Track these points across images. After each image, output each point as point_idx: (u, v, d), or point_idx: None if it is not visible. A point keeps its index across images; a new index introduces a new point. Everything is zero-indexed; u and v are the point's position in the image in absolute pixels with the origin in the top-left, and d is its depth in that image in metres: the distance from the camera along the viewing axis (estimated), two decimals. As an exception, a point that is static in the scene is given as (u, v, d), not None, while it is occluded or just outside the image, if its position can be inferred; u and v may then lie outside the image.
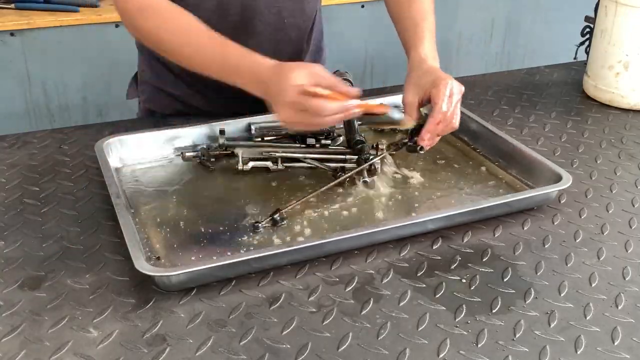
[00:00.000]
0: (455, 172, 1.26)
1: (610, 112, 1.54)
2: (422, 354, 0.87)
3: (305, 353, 0.86)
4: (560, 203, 1.18)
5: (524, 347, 0.88)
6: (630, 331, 0.91)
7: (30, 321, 0.90)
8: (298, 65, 1.05)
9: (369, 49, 2.76)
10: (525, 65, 2.51)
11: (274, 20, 1.34)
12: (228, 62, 1.12)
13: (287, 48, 1.39)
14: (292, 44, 1.40)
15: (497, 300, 0.96)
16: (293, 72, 1.02)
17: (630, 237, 1.11)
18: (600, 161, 1.34)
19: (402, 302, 0.95)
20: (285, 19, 1.35)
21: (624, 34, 1.51)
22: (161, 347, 0.87)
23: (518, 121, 1.49)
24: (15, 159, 1.29)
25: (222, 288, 0.97)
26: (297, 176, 1.24)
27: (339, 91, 1.04)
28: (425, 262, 1.03)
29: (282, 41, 1.37)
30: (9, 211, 1.13)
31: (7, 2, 2.32)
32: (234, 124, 1.34)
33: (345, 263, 1.02)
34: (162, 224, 1.10)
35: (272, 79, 1.04)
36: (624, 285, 1.00)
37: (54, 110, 2.41)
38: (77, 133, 1.39)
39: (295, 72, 1.02)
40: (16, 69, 2.31)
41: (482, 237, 1.09)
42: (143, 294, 0.95)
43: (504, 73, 1.81)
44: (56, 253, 1.03)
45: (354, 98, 1.05)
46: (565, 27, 2.46)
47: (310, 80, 1.01)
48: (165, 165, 1.26)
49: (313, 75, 1.02)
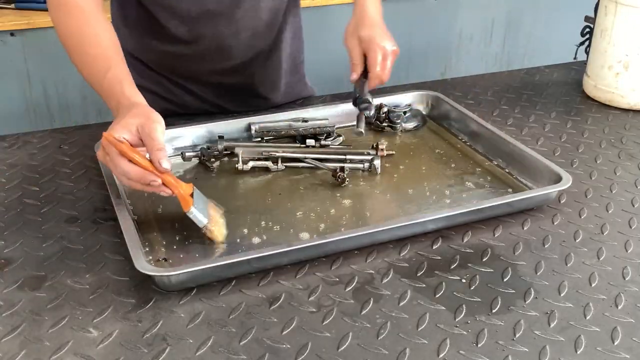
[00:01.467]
0: (454, 172, 1.26)
1: (610, 112, 1.54)
2: (422, 354, 0.87)
3: (305, 353, 0.86)
4: (560, 203, 1.18)
5: (524, 347, 0.88)
6: (630, 331, 0.91)
7: (30, 321, 0.90)
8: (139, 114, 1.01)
9: (369, 49, 2.76)
10: (525, 65, 2.52)
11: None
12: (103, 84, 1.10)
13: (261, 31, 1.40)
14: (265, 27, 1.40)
15: (497, 300, 0.96)
16: (125, 119, 1.00)
17: (630, 237, 1.11)
18: (600, 161, 1.34)
19: (402, 302, 0.95)
20: None
21: (624, 34, 1.51)
22: (161, 347, 0.87)
23: (518, 121, 1.49)
24: (15, 159, 1.29)
25: (222, 288, 0.97)
26: (297, 176, 1.24)
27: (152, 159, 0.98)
28: (425, 262, 1.03)
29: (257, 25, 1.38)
30: (9, 211, 1.13)
31: (7, 2, 2.32)
32: (234, 124, 1.34)
33: (345, 263, 1.02)
34: (162, 224, 1.10)
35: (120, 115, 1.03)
36: (624, 285, 1.00)
37: (54, 110, 2.42)
38: (77, 133, 1.39)
39: (126, 120, 0.99)
40: (16, 69, 2.31)
41: (482, 237, 1.09)
42: (143, 294, 0.95)
43: (504, 73, 1.81)
44: (56, 253, 1.03)
45: (163, 174, 0.98)
46: (565, 27, 2.46)
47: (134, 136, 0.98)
48: (165, 165, 1.26)
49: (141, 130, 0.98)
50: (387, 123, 1.41)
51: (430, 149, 1.34)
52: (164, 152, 0.98)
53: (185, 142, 1.30)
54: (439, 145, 1.36)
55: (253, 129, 1.33)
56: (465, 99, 1.57)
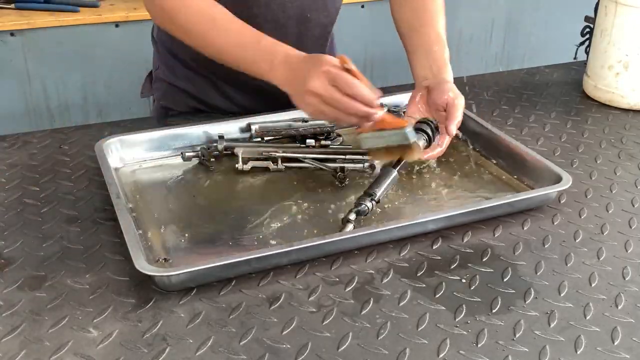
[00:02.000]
0: (454, 172, 1.26)
1: (610, 112, 1.54)
2: (422, 354, 0.87)
3: (305, 353, 0.86)
4: (560, 203, 1.18)
5: (524, 347, 0.88)
6: (630, 331, 0.91)
7: (30, 321, 0.90)
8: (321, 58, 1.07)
9: (369, 49, 2.76)
10: (525, 65, 2.52)
11: (296, 13, 1.34)
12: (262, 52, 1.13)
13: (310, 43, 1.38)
14: (314, 40, 1.40)
15: (497, 300, 0.96)
16: (327, 57, 1.06)
17: (630, 237, 1.11)
18: (600, 161, 1.34)
19: (402, 302, 0.95)
20: (307, 13, 1.35)
21: (624, 34, 1.51)
22: (161, 347, 0.87)
23: (518, 121, 1.49)
24: (15, 159, 1.29)
25: (222, 288, 0.97)
26: (297, 176, 1.24)
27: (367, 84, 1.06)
28: (425, 262, 1.03)
29: (305, 36, 1.37)
30: (9, 211, 1.13)
31: (7, 2, 2.32)
32: (234, 124, 1.34)
33: (345, 263, 1.02)
34: (162, 224, 1.10)
35: (305, 61, 1.07)
36: (624, 285, 1.00)
37: (54, 110, 2.41)
38: (77, 133, 1.39)
39: (329, 57, 1.06)
40: (16, 69, 2.31)
41: (482, 237, 1.09)
42: (143, 294, 0.95)
43: (504, 73, 1.81)
44: (56, 253, 1.03)
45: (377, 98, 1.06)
46: (565, 27, 2.46)
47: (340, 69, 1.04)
48: (165, 165, 1.26)
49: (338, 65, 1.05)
50: (387, 123, 1.41)
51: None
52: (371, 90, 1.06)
53: (185, 142, 1.30)
54: (438, 145, 1.36)
55: (253, 129, 1.33)
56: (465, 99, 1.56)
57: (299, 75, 1.07)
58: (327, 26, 1.41)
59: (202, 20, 1.18)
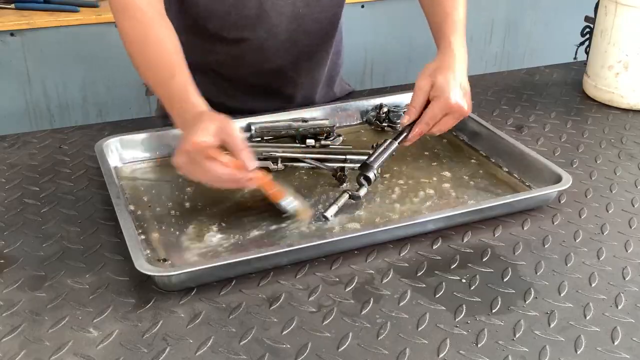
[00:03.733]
0: (454, 172, 1.26)
1: (610, 112, 1.54)
2: (422, 354, 0.87)
3: (305, 353, 0.86)
4: (560, 203, 1.18)
5: (524, 347, 0.88)
6: (630, 331, 0.91)
7: (30, 321, 0.91)
8: (213, 118, 1.01)
9: (369, 49, 2.76)
10: (525, 65, 2.51)
11: (288, 10, 1.33)
12: (168, 90, 1.09)
13: (304, 41, 1.38)
14: (309, 37, 1.39)
15: (497, 300, 0.96)
16: (202, 124, 0.99)
17: (630, 237, 1.11)
18: (600, 161, 1.34)
19: (402, 302, 0.95)
20: (299, 9, 1.34)
21: (624, 34, 1.51)
22: (161, 347, 0.87)
23: (518, 121, 1.49)
24: (15, 159, 1.29)
25: (222, 288, 0.97)
26: (297, 176, 1.24)
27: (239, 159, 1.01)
28: (425, 262, 1.03)
29: (297, 31, 1.36)
30: (9, 211, 1.13)
31: (7, 2, 2.32)
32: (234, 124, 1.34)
33: (345, 263, 1.02)
34: (162, 224, 1.10)
35: (188, 122, 1.02)
36: (623, 285, 1.00)
37: (54, 110, 2.41)
38: (77, 133, 1.39)
39: (204, 124, 0.99)
40: (16, 69, 2.31)
41: (482, 237, 1.09)
42: (143, 294, 0.95)
43: (504, 73, 1.81)
44: (56, 253, 1.03)
45: (251, 170, 1.01)
46: (565, 27, 2.46)
47: (216, 138, 0.99)
48: (165, 165, 1.26)
49: (220, 132, 0.99)
50: (387, 123, 1.41)
51: (430, 149, 1.34)
52: (248, 152, 1.02)
53: (185, 142, 1.30)
54: (438, 145, 1.36)
55: (253, 129, 1.33)
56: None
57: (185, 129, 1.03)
58: (322, 22, 1.40)
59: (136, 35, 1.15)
